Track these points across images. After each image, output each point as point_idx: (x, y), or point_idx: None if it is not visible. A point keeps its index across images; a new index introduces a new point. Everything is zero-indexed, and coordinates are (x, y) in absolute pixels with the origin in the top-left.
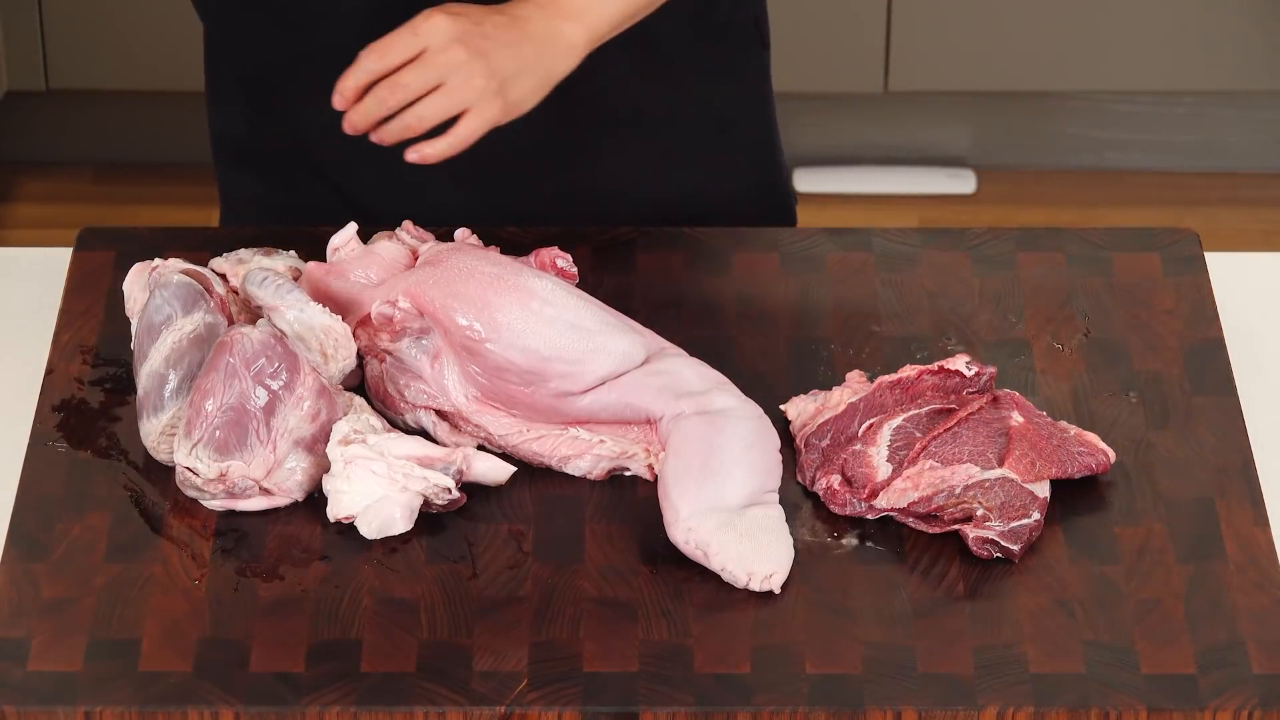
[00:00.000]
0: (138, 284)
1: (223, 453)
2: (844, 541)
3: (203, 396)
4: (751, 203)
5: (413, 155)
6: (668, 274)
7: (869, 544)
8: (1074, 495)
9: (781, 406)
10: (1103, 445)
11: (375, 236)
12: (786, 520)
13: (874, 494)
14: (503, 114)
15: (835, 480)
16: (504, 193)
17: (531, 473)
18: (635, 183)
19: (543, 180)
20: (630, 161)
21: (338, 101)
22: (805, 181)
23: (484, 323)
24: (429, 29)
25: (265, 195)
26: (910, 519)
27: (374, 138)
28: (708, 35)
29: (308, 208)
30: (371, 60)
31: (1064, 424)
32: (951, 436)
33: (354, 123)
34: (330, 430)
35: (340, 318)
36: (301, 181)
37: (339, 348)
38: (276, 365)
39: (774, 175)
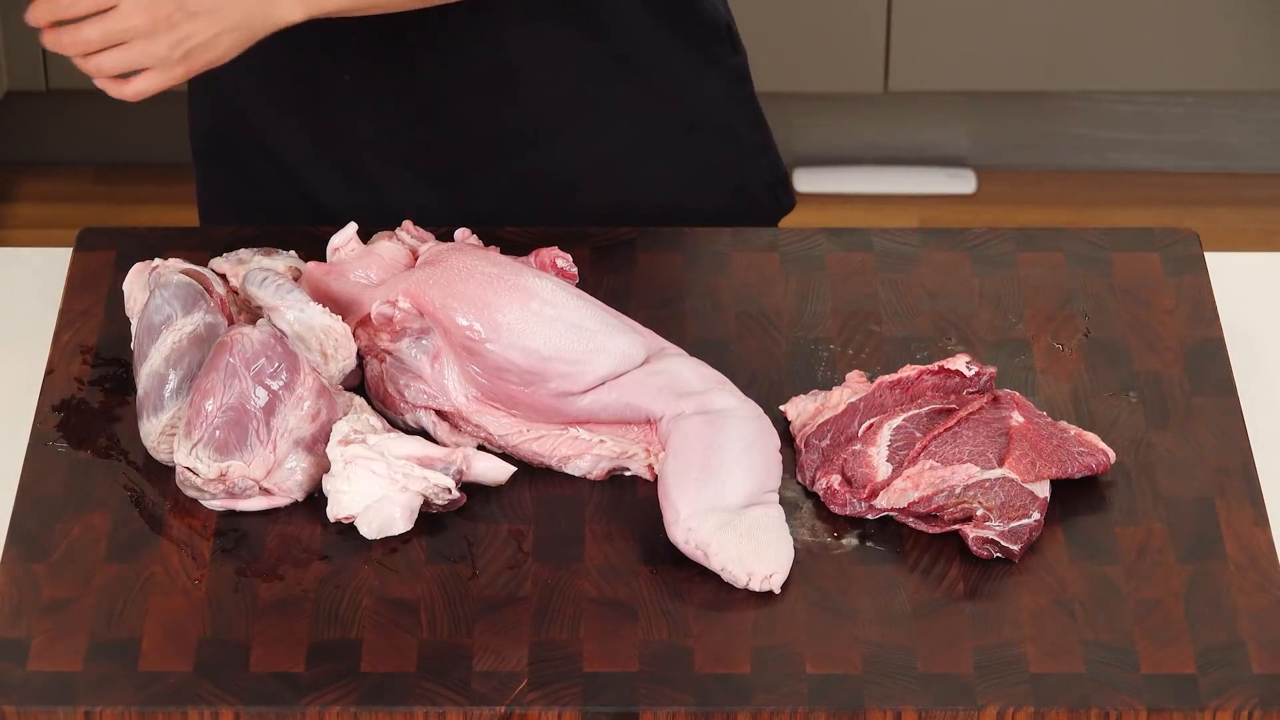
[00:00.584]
0: (138, 284)
1: (223, 453)
2: (844, 541)
3: (203, 396)
4: (720, 203)
5: (99, 83)
6: (668, 274)
7: (869, 544)
8: (1074, 495)
9: (781, 407)
10: (1103, 445)
11: (375, 236)
12: (786, 520)
13: (874, 494)
14: (185, 75)
15: (835, 480)
16: (463, 187)
17: (531, 473)
18: (596, 177)
19: (502, 174)
20: (591, 155)
21: (31, 15)
22: (805, 181)
23: (484, 323)
24: (127, 13)
25: (233, 191)
26: (910, 519)
27: (50, 47)
28: (674, 33)
29: (273, 205)
30: (62, 6)
31: (1064, 424)
32: (951, 436)
33: (46, 39)
34: (330, 430)
35: (340, 318)
36: (266, 177)
37: (339, 348)
38: (276, 365)
39: (744, 178)
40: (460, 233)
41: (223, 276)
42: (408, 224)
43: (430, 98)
